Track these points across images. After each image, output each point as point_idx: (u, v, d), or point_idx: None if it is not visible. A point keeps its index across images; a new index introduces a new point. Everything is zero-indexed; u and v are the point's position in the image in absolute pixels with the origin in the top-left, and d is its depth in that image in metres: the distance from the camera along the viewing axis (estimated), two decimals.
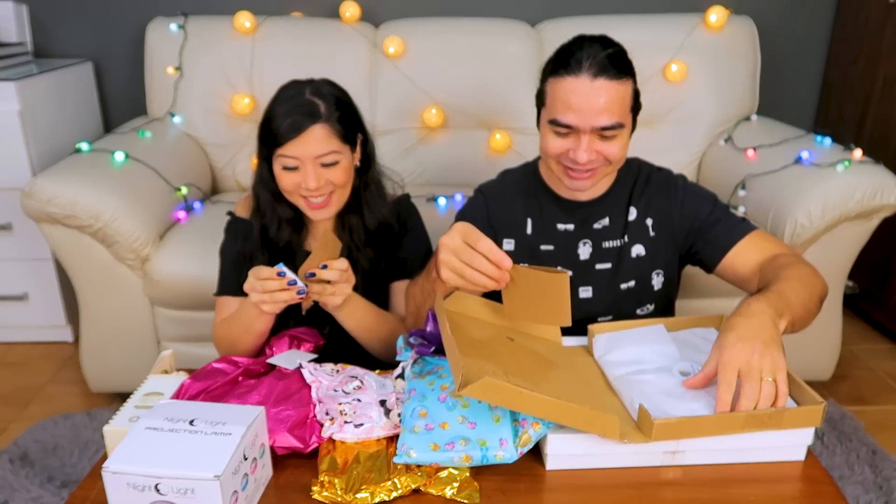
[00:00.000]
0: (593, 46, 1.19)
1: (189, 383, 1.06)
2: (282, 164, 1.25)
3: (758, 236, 1.28)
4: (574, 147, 1.21)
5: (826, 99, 2.75)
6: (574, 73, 1.17)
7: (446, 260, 1.02)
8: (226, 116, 2.38)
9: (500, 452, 0.93)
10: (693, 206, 1.32)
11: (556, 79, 1.20)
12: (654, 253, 1.34)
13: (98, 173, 1.90)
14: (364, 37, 2.40)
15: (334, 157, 1.25)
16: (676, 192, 1.33)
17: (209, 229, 1.46)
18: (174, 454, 0.83)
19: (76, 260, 1.92)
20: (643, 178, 1.35)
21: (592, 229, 1.34)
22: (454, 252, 1.02)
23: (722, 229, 1.29)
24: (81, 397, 2.16)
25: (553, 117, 1.21)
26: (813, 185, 1.86)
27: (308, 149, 1.22)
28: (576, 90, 1.17)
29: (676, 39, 2.37)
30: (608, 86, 1.17)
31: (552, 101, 1.21)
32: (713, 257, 1.29)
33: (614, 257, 1.33)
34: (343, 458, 0.96)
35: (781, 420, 0.94)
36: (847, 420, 1.97)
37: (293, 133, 1.22)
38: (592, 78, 1.17)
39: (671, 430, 0.93)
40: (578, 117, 1.18)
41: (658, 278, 1.35)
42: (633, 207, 1.34)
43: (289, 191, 1.28)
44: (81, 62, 2.55)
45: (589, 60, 1.17)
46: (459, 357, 0.90)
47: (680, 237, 1.33)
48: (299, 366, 1.12)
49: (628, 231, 1.33)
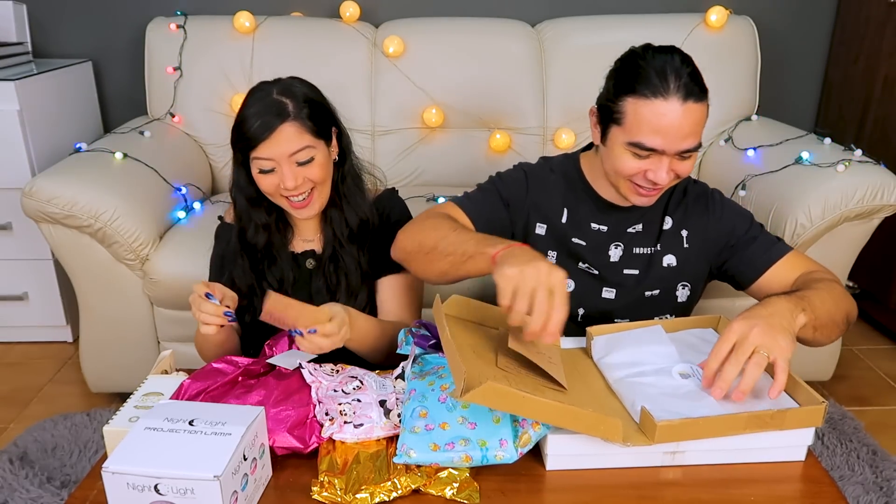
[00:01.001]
0: (674, 63, 1.13)
1: (189, 383, 1.06)
2: (258, 167, 1.25)
3: (794, 257, 1.27)
4: (654, 168, 1.17)
5: (826, 99, 2.75)
6: (663, 97, 1.12)
7: (530, 292, 0.95)
8: (225, 116, 2.38)
9: (500, 453, 0.93)
10: (730, 222, 1.31)
11: (641, 100, 1.14)
12: (685, 265, 1.32)
13: (98, 173, 1.89)
14: (364, 37, 2.40)
15: (308, 154, 1.25)
16: (714, 205, 1.32)
17: (209, 229, 1.46)
18: (174, 454, 0.83)
19: (76, 260, 1.91)
20: (680, 189, 1.34)
21: (626, 233, 1.32)
22: (541, 287, 0.95)
23: (758, 249, 1.28)
24: (81, 397, 2.16)
25: (636, 140, 1.15)
26: (813, 186, 1.86)
27: (281, 148, 1.22)
28: (666, 115, 1.12)
29: (676, 40, 2.34)
30: (696, 109, 1.14)
31: (635, 123, 1.15)
32: (748, 276, 1.28)
33: (643, 264, 1.32)
34: (343, 458, 0.96)
35: (783, 420, 0.94)
36: (847, 420, 1.97)
37: (264, 133, 1.21)
38: (682, 102, 1.12)
39: (674, 432, 0.93)
40: (666, 142, 1.14)
41: (683, 290, 1.34)
42: (668, 217, 1.33)
43: (269, 193, 1.28)
44: (81, 62, 2.55)
45: (676, 82, 1.12)
46: (460, 362, 0.90)
47: (713, 252, 1.32)
48: (299, 366, 1.12)
49: (662, 240, 1.32)
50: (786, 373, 0.97)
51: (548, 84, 2.41)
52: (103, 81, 2.67)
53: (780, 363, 0.97)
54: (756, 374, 0.96)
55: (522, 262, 0.97)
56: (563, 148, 2.38)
